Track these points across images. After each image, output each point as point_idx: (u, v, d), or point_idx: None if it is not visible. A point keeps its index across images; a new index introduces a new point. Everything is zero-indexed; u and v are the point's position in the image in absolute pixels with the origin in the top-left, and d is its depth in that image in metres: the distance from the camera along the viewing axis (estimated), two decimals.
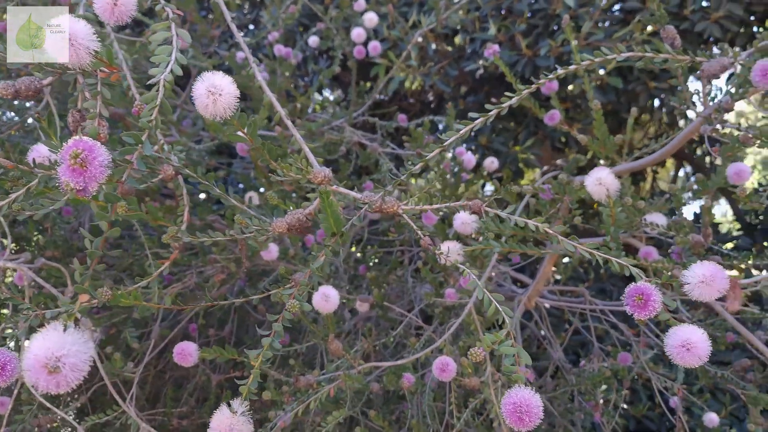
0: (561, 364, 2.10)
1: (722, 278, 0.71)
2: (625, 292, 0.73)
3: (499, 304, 0.76)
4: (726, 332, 1.59)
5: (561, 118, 1.52)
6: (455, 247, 1.12)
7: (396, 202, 0.85)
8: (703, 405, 1.78)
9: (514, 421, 0.67)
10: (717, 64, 0.89)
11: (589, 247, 0.81)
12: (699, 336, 0.68)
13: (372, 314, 2.19)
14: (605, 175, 0.93)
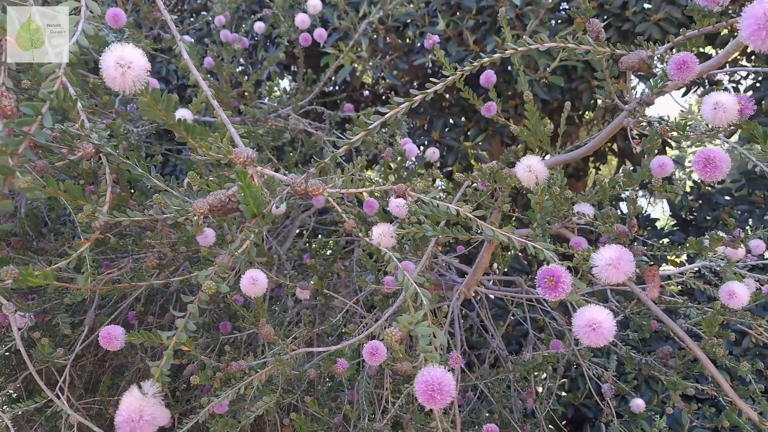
0: (499, 352, 2.14)
1: (628, 261, 0.73)
2: (537, 274, 0.75)
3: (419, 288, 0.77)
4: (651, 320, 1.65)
5: (497, 109, 1.54)
6: (388, 230, 1.12)
7: (321, 184, 0.84)
8: (631, 391, 1.85)
9: (426, 398, 0.68)
10: (635, 57, 0.92)
11: (519, 235, 0.83)
12: (604, 316, 0.70)
13: (316, 303, 2.19)
14: (535, 163, 0.95)
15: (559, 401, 3.10)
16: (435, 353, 0.70)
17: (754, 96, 3.14)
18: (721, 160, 0.79)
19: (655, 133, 1.03)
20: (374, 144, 1.91)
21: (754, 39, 0.53)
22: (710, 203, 3.20)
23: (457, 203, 1.42)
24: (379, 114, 0.87)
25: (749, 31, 0.53)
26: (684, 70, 0.88)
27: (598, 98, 1.22)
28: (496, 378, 1.93)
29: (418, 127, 3.27)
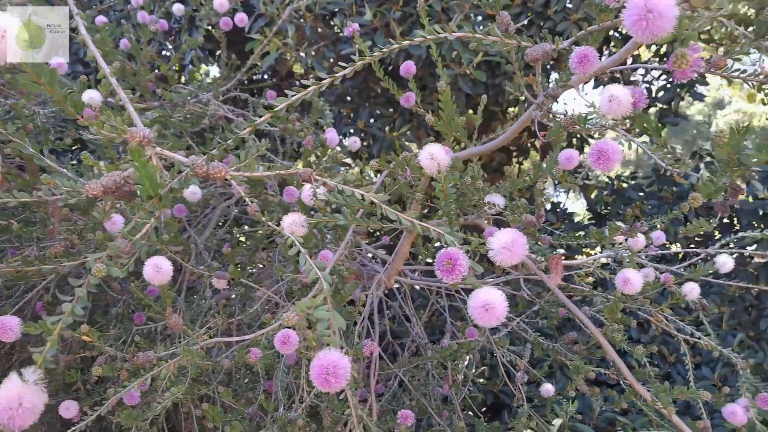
0: (419, 341, 2.17)
1: (522, 245, 0.76)
2: (436, 257, 0.76)
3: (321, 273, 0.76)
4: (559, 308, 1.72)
5: (416, 100, 1.55)
6: (299, 219, 1.11)
7: (223, 167, 0.82)
8: (543, 377, 1.92)
9: (321, 382, 0.68)
10: (539, 49, 0.95)
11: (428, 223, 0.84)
12: (498, 297, 0.72)
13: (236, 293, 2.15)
14: (437, 151, 0.96)
15: (479, 388, 3.19)
16: (333, 337, 0.70)
17: (665, 96, 3.31)
18: (614, 152, 0.82)
19: (559, 126, 1.06)
20: (296, 132, 1.89)
21: (635, 29, 0.55)
22: (623, 198, 3.36)
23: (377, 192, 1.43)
24: (285, 96, 0.85)
25: (631, 21, 0.56)
26: (585, 63, 0.92)
27: (509, 90, 1.25)
28: (413, 366, 1.95)
29: (345, 116, 3.26)
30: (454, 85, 3.01)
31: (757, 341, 3.09)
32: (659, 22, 0.52)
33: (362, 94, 3.19)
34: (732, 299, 3.15)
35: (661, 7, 0.52)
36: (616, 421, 2.78)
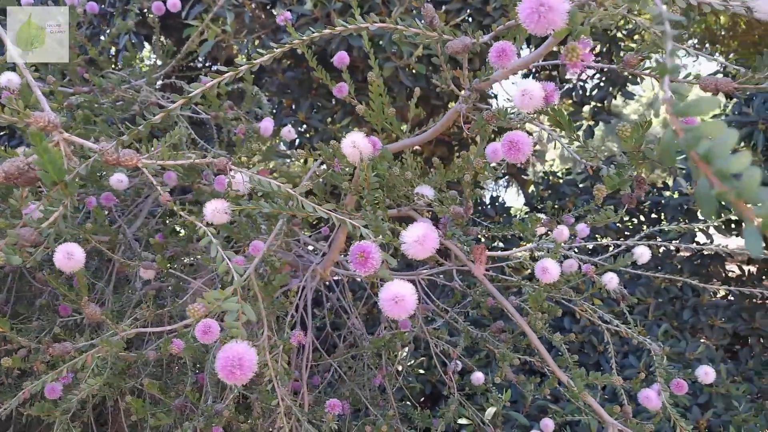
0: (354, 331, 2.18)
1: (433, 239, 0.77)
2: (350, 250, 0.76)
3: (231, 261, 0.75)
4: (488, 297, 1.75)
5: (350, 91, 1.55)
6: (221, 206, 1.09)
7: (134, 154, 0.80)
8: (474, 365, 1.95)
9: (226, 374, 0.67)
10: (460, 43, 0.96)
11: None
12: (408, 290, 0.73)
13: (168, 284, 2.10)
14: (359, 139, 0.96)
15: (417, 379, 3.23)
16: (240, 329, 0.69)
17: (598, 95, 3.42)
18: (524, 143, 0.85)
19: (482, 120, 1.08)
20: (228, 121, 1.85)
21: (528, 22, 0.57)
22: (558, 193, 3.45)
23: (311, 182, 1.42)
24: (206, 80, 0.83)
25: (525, 15, 0.57)
26: (503, 57, 0.93)
27: (435, 83, 1.26)
28: (351, 357, 1.96)
29: (285, 107, 3.22)
30: (395, 78, 3.02)
31: (680, 331, 3.24)
32: (551, 15, 0.54)
33: (304, 85, 3.16)
34: (658, 291, 3.29)
35: (552, 1, 0.53)
36: (548, 409, 2.86)
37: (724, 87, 0.95)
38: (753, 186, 0.28)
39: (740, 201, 0.29)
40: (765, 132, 2.96)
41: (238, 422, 1.57)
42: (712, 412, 2.91)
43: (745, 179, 0.28)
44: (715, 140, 0.30)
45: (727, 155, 0.29)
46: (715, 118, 3.33)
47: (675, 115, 0.33)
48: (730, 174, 0.29)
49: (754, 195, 0.28)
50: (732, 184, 0.29)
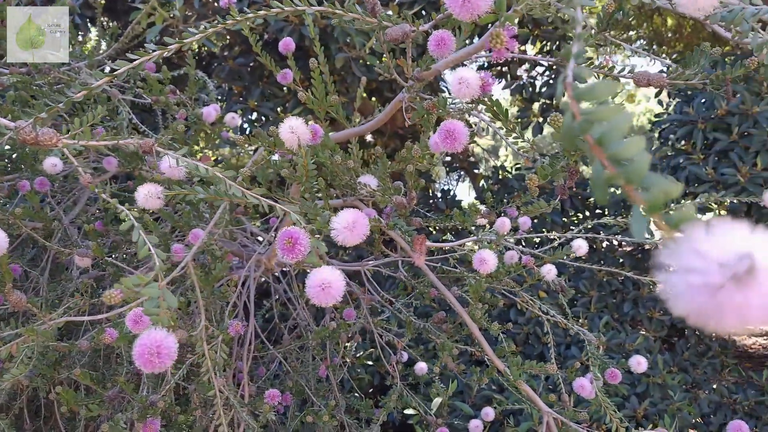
0: (300, 322, 2.16)
1: (363, 226, 0.76)
2: (277, 236, 0.75)
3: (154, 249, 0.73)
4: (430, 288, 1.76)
5: (295, 78, 1.52)
6: (154, 190, 1.06)
7: (54, 134, 0.76)
8: (417, 356, 1.96)
9: (143, 362, 0.65)
10: (399, 30, 0.95)
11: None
12: (335, 277, 0.72)
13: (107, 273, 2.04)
14: (298, 125, 0.95)
15: (366, 370, 3.24)
16: (162, 316, 0.67)
17: (547, 92, 3.48)
18: (460, 132, 0.85)
19: (422, 109, 1.08)
20: (170, 105, 1.80)
21: (453, 6, 0.57)
22: (507, 187, 3.50)
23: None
24: (128, 61, 0.80)
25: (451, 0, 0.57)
26: (442, 46, 0.93)
27: (377, 71, 1.25)
28: (291, 347, 1.94)
29: (236, 93, 3.16)
30: (348, 69, 3.00)
31: (620, 323, 3.34)
32: (476, 1, 0.53)
33: (255, 73, 3.10)
34: (600, 284, 3.38)
35: None
36: (493, 399, 2.92)
37: (656, 81, 0.98)
38: (641, 171, 0.28)
39: (629, 186, 0.29)
40: (704, 131, 3.07)
41: (175, 413, 1.54)
42: (648, 401, 3.01)
43: (634, 164, 0.28)
44: (609, 125, 0.30)
45: (620, 140, 0.29)
46: (657, 117, 3.44)
47: (574, 98, 0.33)
48: (622, 159, 0.29)
49: (642, 180, 0.28)
50: (622, 168, 0.29)
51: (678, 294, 0.24)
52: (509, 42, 0.56)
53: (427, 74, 1.16)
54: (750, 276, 0.22)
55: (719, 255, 0.23)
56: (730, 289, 0.22)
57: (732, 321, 0.23)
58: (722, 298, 0.22)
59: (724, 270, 0.22)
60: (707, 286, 0.23)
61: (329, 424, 1.64)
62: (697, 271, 0.23)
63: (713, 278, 0.23)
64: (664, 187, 0.27)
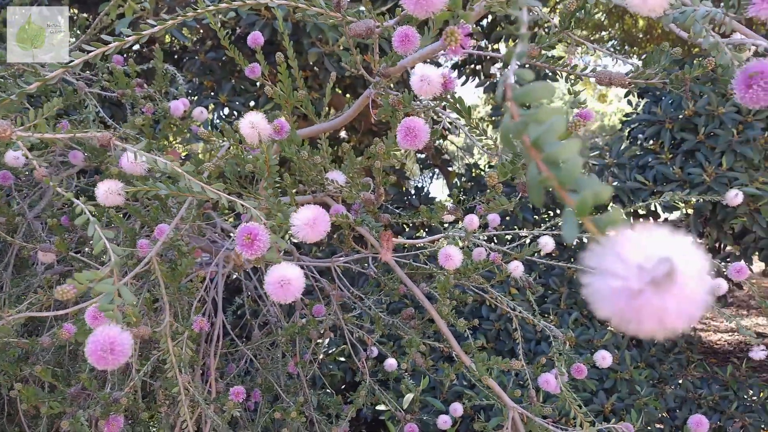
0: (270, 318, 2.15)
1: (324, 222, 0.76)
2: (236, 232, 0.74)
3: (109, 242, 0.71)
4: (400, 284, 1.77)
5: (263, 72, 1.51)
6: (115, 187, 1.04)
7: (8, 126, 0.74)
8: (387, 352, 1.97)
9: (96, 359, 0.64)
10: (363, 25, 0.95)
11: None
12: (294, 273, 0.71)
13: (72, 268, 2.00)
14: (258, 120, 0.94)
15: (338, 367, 3.24)
16: (115, 312, 0.66)
17: None
18: (420, 130, 0.85)
19: (388, 105, 1.08)
20: (137, 99, 1.77)
21: (408, 3, 0.57)
22: (479, 184, 3.52)
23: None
24: (82, 52, 0.78)
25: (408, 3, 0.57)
26: (406, 43, 0.93)
27: (344, 67, 1.24)
28: (262, 343, 1.93)
29: (206, 88, 3.12)
30: (321, 64, 2.99)
31: (589, 319, 3.39)
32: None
33: (226, 67, 3.07)
34: (570, 281, 3.43)
35: None
36: (465, 394, 2.94)
37: (617, 81, 0.99)
38: (573, 173, 0.28)
39: (562, 188, 0.29)
40: (671, 130, 3.12)
41: (139, 410, 1.52)
42: (616, 397, 3.06)
43: (567, 166, 0.28)
44: (545, 126, 0.30)
45: (555, 142, 0.29)
46: (627, 117, 3.49)
47: (513, 99, 0.33)
48: (556, 161, 0.29)
49: (574, 182, 0.28)
50: (556, 171, 0.29)
51: (600, 297, 0.24)
52: (464, 40, 0.56)
53: (394, 70, 1.16)
54: (668, 280, 0.22)
55: (639, 259, 0.23)
56: (648, 294, 0.23)
57: (650, 325, 0.23)
58: (641, 302, 0.23)
59: (643, 274, 0.23)
60: (626, 290, 0.23)
61: (297, 420, 1.63)
62: (617, 275, 0.23)
63: (632, 282, 0.23)
64: (595, 190, 0.27)
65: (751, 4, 0.50)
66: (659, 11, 0.50)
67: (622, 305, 0.23)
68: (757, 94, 0.48)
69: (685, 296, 0.22)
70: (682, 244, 0.23)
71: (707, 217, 3.19)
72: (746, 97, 0.49)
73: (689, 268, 0.23)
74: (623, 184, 3.25)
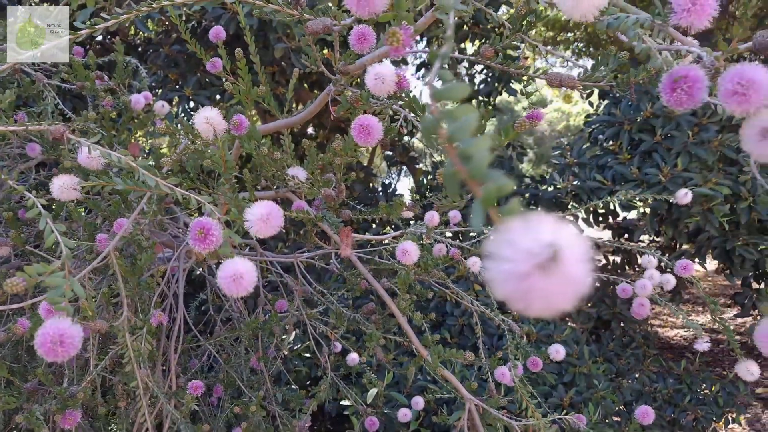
0: (233, 314, 2.15)
1: (277, 217, 0.77)
2: (190, 226, 0.75)
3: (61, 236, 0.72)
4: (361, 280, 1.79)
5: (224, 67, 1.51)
6: (71, 181, 1.04)
7: None
8: (350, 347, 1.99)
9: (46, 351, 0.65)
10: (320, 23, 0.96)
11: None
12: (247, 268, 0.73)
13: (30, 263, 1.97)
14: (213, 115, 0.95)
15: (304, 363, 3.24)
16: (66, 305, 0.66)
17: (485, 90, 3.55)
18: (374, 127, 0.87)
19: (347, 103, 1.09)
20: (97, 92, 1.75)
21: (352, 4, 0.59)
22: None
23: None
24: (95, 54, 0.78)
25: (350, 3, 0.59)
26: (363, 41, 0.95)
27: (304, 64, 1.26)
28: (226, 339, 1.93)
29: (171, 80, 3.09)
30: (287, 60, 2.98)
31: None
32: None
33: (192, 60, 3.04)
34: None
35: None
36: (428, 389, 2.98)
37: (567, 82, 1.02)
38: (482, 167, 0.30)
39: (472, 180, 0.31)
40: (630, 132, 3.20)
41: (98, 404, 1.51)
42: (574, 390, 3.14)
43: (476, 161, 0.30)
44: (459, 123, 0.32)
45: (467, 138, 0.32)
46: (588, 118, 3.57)
47: (433, 98, 0.35)
48: (468, 155, 0.31)
49: (483, 175, 0.30)
50: (467, 164, 0.31)
51: (495, 280, 0.26)
52: (406, 41, 0.58)
53: (352, 68, 1.17)
54: (553, 264, 0.25)
55: (527, 245, 0.25)
56: (535, 276, 0.25)
57: (538, 305, 0.25)
58: (528, 284, 0.25)
59: (531, 259, 0.25)
60: (516, 274, 0.25)
61: (258, 414, 1.64)
62: (508, 260, 0.26)
63: (521, 266, 0.25)
64: (499, 184, 0.29)
65: (672, 13, 0.53)
66: (590, 17, 0.53)
67: (512, 287, 0.26)
68: (680, 97, 0.52)
69: (568, 278, 0.25)
70: (567, 232, 0.26)
71: (663, 217, 3.29)
72: (671, 99, 0.53)
73: (572, 253, 0.25)
74: (584, 183, 3.33)
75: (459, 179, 0.33)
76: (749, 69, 0.45)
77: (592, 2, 0.51)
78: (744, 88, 0.45)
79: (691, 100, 0.51)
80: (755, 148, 0.47)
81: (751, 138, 0.47)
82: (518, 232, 0.26)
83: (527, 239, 0.25)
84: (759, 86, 0.45)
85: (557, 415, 1.37)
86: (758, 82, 0.45)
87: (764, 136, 0.46)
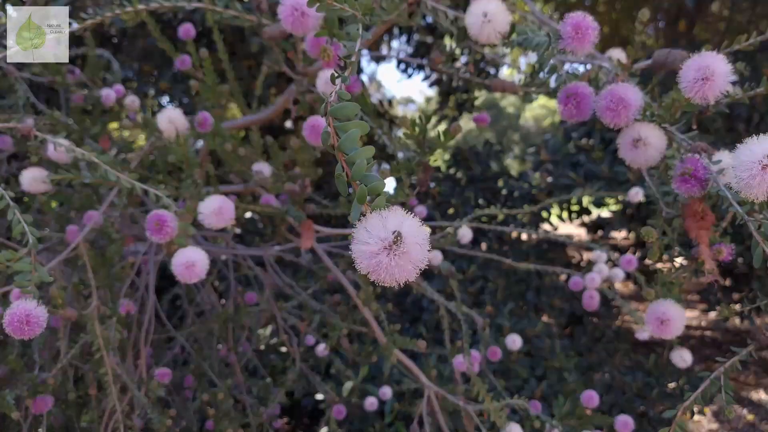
0: (204, 306, 2.20)
1: (229, 210, 0.83)
2: (146, 218, 0.81)
3: (28, 227, 0.77)
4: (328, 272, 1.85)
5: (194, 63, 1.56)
6: (40, 174, 1.09)
7: None
8: (319, 338, 2.05)
9: (14, 329, 0.70)
10: (276, 29, 1.02)
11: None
12: (199, 257, 0.79)
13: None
14: (176, 115, 1.00)
15: (279, 356, 3.29)
16: (33, 288, 0.72)
17: (463, 87, 3.63)
18: (322, 126, 0.93)
19: (306, 103, 1.15)
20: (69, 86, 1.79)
21: (288, 23, 0.65)
22: None
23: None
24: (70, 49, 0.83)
25: (284, 17, 0.65)
26: (317, 46, 1.01)
27: (266, 64, 1.32)
28: (192, 331, 1.98)
29: (145, 73, 3.12)
30: (264, 54, 3.03)
31: (525, 310, 3.55)
32: (304, 19, 0.62)
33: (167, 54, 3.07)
34: (506, 273, 3.58)
35: (305, 8, 0.62)
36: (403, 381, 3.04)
37: (509, 88, 1.09)
38: (361, 171, 0.37)
39: (354, 181, 0.38)
40: (601, 131, 3.30)
41: (68, 391, 1.56)
42: (546, 383, 3.22)
43: (357, 166, 0.37)
44: (347, 135, 0.39)
45: (353, 147, 0.38)
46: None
47: (330, 114, 0.42)
48: (353, 161, 0.38)
49: (361, 177, 0.37)
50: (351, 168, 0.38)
51: (357, 258, 0.33)
52: (335, 57, 0.64)
53: (312, 71, 1.23)
54: (397, 246, 0.32)
55: (379, 231, 0.32)
56: (383, 255, 0.32)
57: (386, 277, 0.32)
58: (378, 261, 0.32)
59: (380, 242, 0.32)
60: (369, 253, 0.32)
61: (226, 402, 1.70)
62: (365, 242, 0.32)
63: (373, 248, 0.32)
64: (373, 184, 0.36)
65: (560, 39, 0.60)
66: (495, 40, 0.60)
67: (367, 263, 0.32)
68: (570, 110, 0.59)
69: (409, 258, 0.32)
70: (412, 222, 0.32)
71: (632, 214, 3.39)
72: (564, 111, 0.60)
73: (413, 238, 0.32)
74: (557, 180, 3.41)
75: (345, 180, 0.39)
76: (622, 89, 0.53)
77: (494, 28, 0.58)
78: (616, 105, 0.52)
79: (581, 113, 0.58)
80: (628, 155, 0.54)
81: (625, 146, 0.54)
82: (374, 222, 0.33)
83: (379, 227, 0.32)
84: (628, 104, 0.52)
85: (509, 399, 1.44)
86: (627, 100, 0.52)
87: (635, 145, 0.53)
